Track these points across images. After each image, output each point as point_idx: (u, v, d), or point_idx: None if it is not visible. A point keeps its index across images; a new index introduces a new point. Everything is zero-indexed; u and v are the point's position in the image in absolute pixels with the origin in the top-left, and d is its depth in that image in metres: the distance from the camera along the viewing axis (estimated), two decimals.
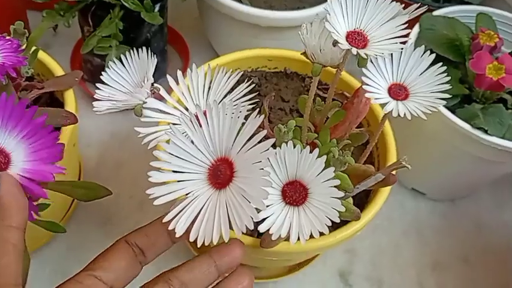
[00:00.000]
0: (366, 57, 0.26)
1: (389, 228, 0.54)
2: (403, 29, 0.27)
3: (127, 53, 0.31)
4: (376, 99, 0.29)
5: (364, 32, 0.28)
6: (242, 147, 0.24)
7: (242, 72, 0.31)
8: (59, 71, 0.43)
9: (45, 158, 0.25)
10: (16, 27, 0.32)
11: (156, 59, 0.30)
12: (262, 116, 0.24)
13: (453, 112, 0.45)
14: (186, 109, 0.31)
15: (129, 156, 0.56)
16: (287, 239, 0.26)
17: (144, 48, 0.31)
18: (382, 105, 0.30)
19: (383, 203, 0.39)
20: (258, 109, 0.25)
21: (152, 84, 0.30)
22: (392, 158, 0.41)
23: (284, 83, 0.50)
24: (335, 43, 0.26)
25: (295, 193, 0.25)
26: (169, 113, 0.30)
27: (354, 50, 0.26)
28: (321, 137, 0.33)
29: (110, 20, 0.50)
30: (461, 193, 0.58)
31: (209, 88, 0.31)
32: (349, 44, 0.27)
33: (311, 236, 0.25)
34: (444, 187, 0.57)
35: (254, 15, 0.53)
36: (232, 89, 0.31)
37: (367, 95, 0.29)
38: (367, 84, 0.29)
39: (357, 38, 0.27)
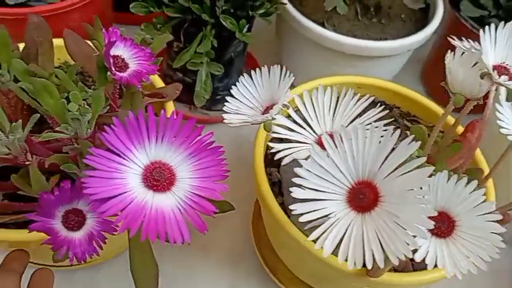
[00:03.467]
0: None
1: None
2: None
3: (257, 69, 0.32)
4: (510, 135, 0.29)
5: (509, 66, 0.27)
6: (392, 172, 0.24)
7: (373, 98, 0.31)
8: (159, 82, 0.44)
9: (212, 176, 0.25)
10: (145, 36, 0.33)
11: (293, 77, 0.30)
12: (419, 142, 0.23)
13: None
14: (310, 127, 0.31)
15: None
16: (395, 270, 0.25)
17: (277, 66, 0.31)
18: None
19: None
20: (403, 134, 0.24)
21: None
22: (491, 196, 0.40)
23: None
24: (483, 75, 0.26)
25: (442, 224, 0.25)
26: (296, 131, 0.30)
27: (509, 83, 0.26)
28: (437, 170, 0.33)
29: (202, 37, 0.51)
30: None
31: (335, 109, 0.31)
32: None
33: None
34: None
35: (341, 42, 0.54)
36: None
37: (502, 131, 0.29)
38: (501, 120, 0.29)
39: (503, 71, 0.27)
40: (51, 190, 0.27)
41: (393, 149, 0.24)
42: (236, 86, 0.31)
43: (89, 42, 0.40)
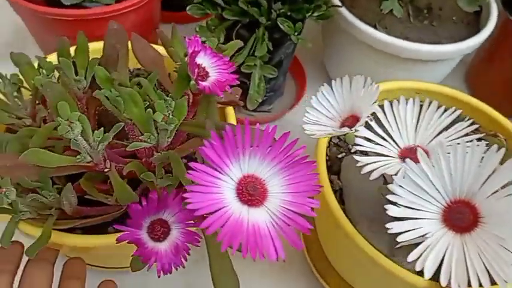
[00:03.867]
0: None
1: None
2: None
3: (337, 78, 0.31)
4: None
5: None
6: (494, 192, 0.23)
7: (460, 112, 0.30)
8: None
9: (304, 191, 0.24)
10: (220, 44, 0.33)
11: (379, 88, 0.29)
12: None
13: None
14: (392, 138, 0.30)
15: None
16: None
17: (361, 76, 0.30)
18: None
19: None
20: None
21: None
22: None
23: None
24: None
25: None
26: (379, 144, 0.30)
27: None
28: None
29: (255, 39, 0.51)
30: None
31: (417, 121, 0.31)
32: None
33: None
34: None
35: (398, 45, 0.53)
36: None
37: None
38: None
39: None
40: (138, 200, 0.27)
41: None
42: (316, 96, 0.31)
43: (155, 46, 0.40)
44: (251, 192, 0.24)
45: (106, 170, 0.31)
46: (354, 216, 0.39)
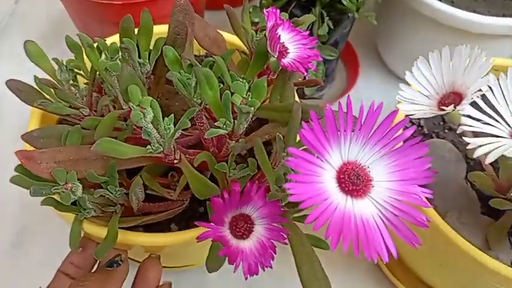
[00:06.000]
0: None
1: None
2: None
3: (435, 51, 0.27)
4: None
5: None
6: None
7: None
8: None
9: (413, 179, 0.21)
10: (295, 18, 0.29)
11: (491, 60, 0.25)
12: None
13: None
14: (500, 116, 0.26)
15: None
16: None
17: (465, 46, 0.26)
18: None
19: None
20: None
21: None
22: None
23: None
24: None
25: None
26: (489, 124, 0.26)
27: None
28: None
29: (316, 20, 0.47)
30: None
31: None
32: None
33: None
34: None
35: (473, 21, 0.48)
36: None
37: None
38: None
39: None
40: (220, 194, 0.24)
41: None
42: (411, 72, 0.27)
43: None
44: (354, 181, 0.21)
45: (176, 161, 0.28)
46: (440, 208, 0.35)
